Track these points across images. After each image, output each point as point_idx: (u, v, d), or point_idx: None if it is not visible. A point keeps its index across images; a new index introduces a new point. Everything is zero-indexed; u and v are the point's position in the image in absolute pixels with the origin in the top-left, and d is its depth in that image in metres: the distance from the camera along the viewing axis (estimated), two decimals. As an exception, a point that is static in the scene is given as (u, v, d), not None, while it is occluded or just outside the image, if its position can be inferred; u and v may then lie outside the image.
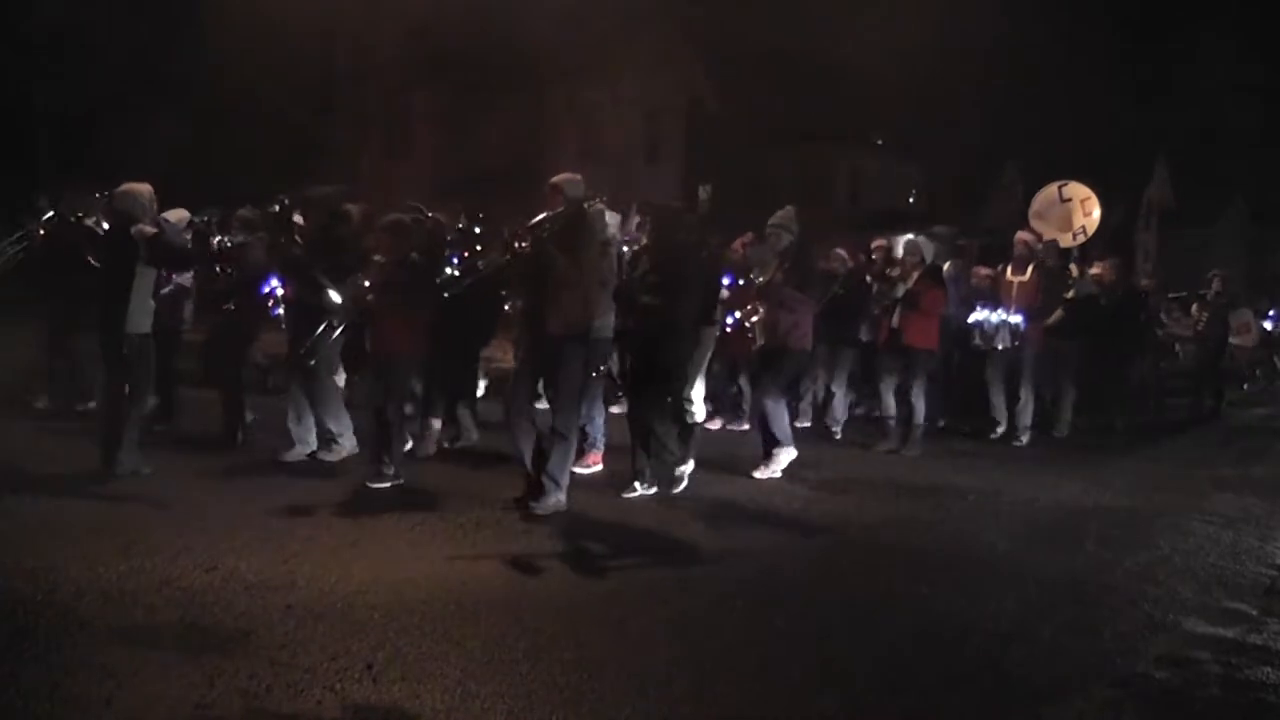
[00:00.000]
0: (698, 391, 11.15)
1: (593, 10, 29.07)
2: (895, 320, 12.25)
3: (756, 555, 8.18)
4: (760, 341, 10.91)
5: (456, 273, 10.47)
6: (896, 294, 12.20)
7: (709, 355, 11.38)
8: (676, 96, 39.72)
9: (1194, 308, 17.83)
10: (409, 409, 10.61)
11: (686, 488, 9.88)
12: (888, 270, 12.70)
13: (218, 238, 10.85)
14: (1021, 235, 14.00)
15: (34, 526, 7.84)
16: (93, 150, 27.51)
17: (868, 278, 13.04)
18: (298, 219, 10.54)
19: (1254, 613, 7.15)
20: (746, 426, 12.80)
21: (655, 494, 9.60)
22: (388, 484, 9.58)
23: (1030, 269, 13.53)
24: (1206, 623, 6.89)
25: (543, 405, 9.63)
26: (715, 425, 13.27)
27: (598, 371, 9.95)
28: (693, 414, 10.91)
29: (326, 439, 10.49)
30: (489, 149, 31.20)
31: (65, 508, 8.43)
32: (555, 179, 9.22)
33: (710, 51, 39.18)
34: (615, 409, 11.74)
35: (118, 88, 28.70)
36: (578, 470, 9.89)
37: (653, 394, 9.72)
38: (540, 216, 8.84)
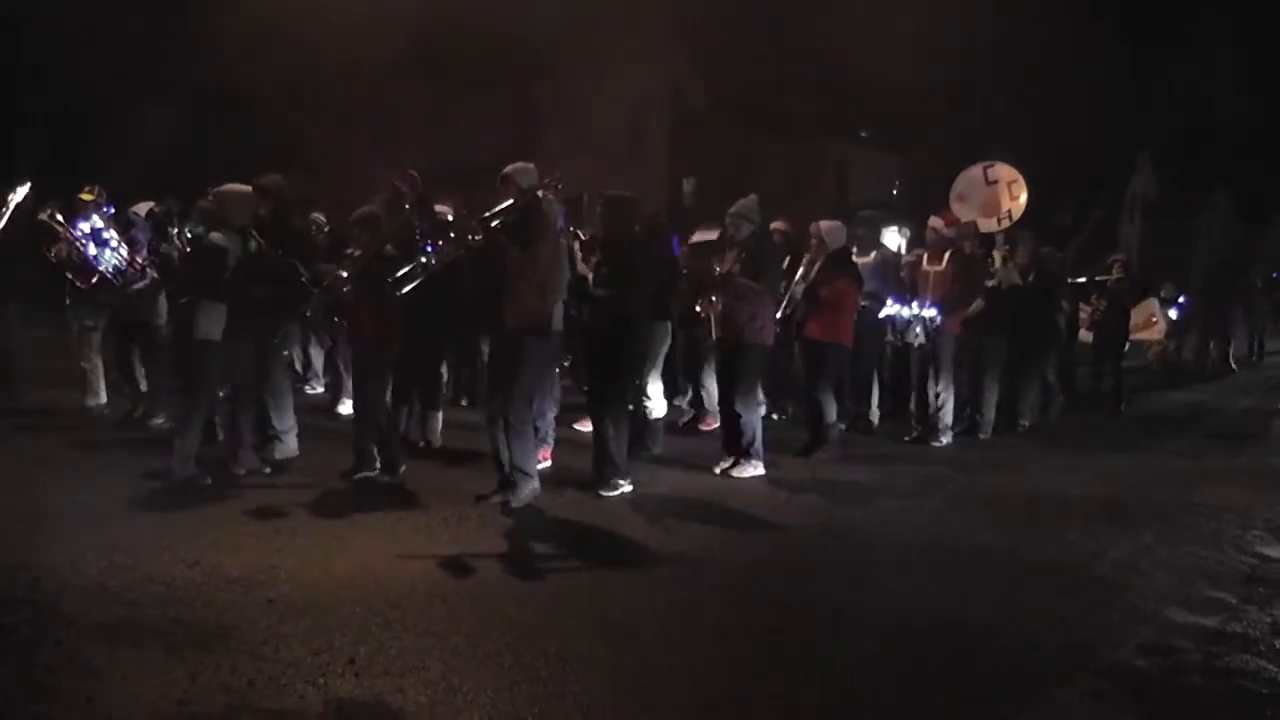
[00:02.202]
0: (655, 386, 11.07)
1: (577, 4, 29.06)
2: (799, 313, 11.57)
3: (737, 550, 8.20)
4: (717, 334, 10.60)
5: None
6: (795, 291, 11.47)
7: (665, 349, 11.27)
8: (661, 90, 39.77)
9: (1093, 296, 16.91)
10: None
11: (666, 483, 9.94)
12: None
13: (174, 229, 10.84)
14: (933, 221, 13.00)
15: (15, 524, 7.83)
16: (88, 147, 27.50)
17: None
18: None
19: (1234, 601, 7.17)
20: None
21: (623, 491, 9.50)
22: (387, 477, 9.61)
23: (946, 257, 12.60)
24: (1188, 611, 6.92)
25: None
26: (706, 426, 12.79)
27: (562, 366, 9.88)
28: (651, 409, 10.86)
29: (269, 436, 10.34)
30: (474, 143, 31.19)
31: (46, 505, 8.42)
32: (507, 169, 9.00)
33: (694, 44, 39.23)
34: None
35: (106, 85, 28.68)
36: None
37: (606, 391, 9.68)
38: (494, 209, 8.67)
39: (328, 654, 5.61)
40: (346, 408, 12.83)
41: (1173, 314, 22.18)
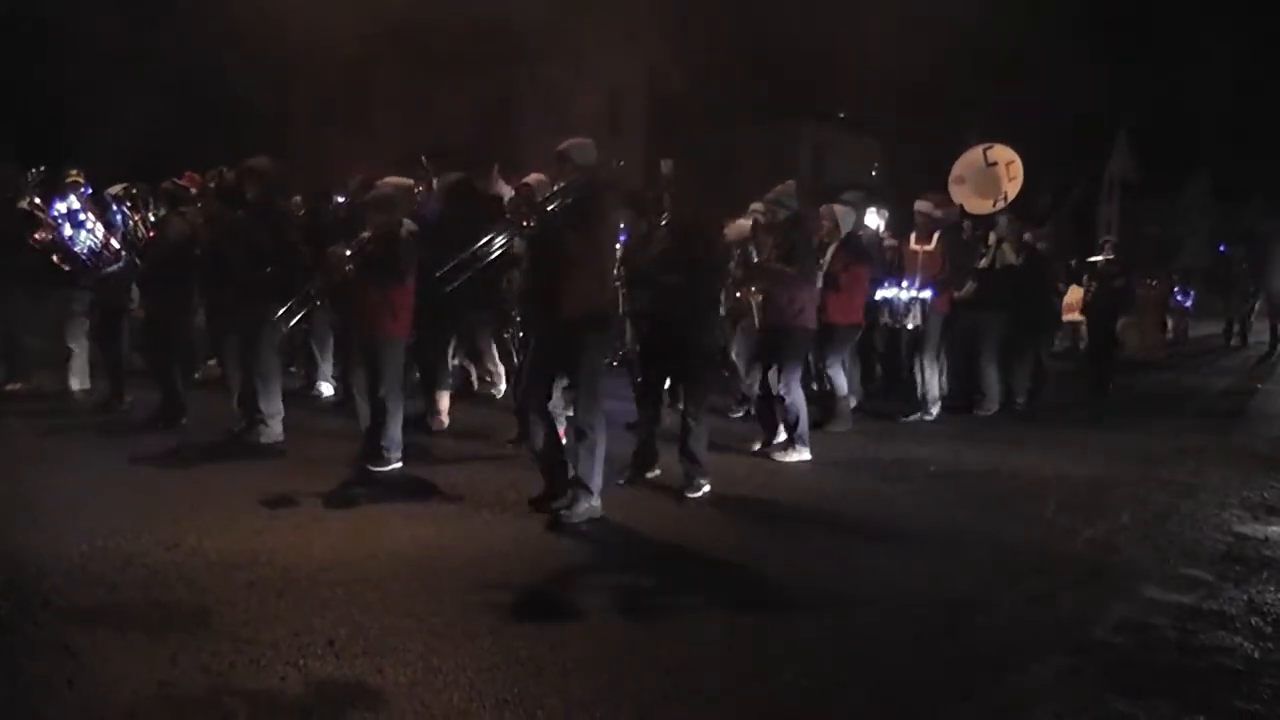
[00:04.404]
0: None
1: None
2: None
3: (718, 530, 8.24)
4: (759, 320, 10.73)
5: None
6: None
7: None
8: (639, 71, 39.69)
9: (1085, 278, 16.97)
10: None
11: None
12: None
13: (138, 214, 10.82)
14: (920, 205, 13.14)
15: (-6, 508, 7.82)
16: (59, 131, 27.36)
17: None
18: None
19: (1210, 579, 7.21)
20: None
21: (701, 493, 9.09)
22: (390, 467, 9.50)
23: (935, 238, 12.88)
24: (1164, 589, 6.95)
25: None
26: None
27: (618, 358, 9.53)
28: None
29: (256, 420, 10.36)
30: (451, 124, 31.12)
31: (27, 488, 8.41)
32: (563, 145, 8.22)
33: (673, 26, 39.15)
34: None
35: (87, 70, 28.53)
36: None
37: (688, 386, 9.26)
38: (549, 190, 8.14)
39: (307, 635, 5.61)
40: (325, 390, 12.86)
41: None
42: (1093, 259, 16.94)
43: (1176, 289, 28.40)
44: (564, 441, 8.46)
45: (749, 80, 40.41)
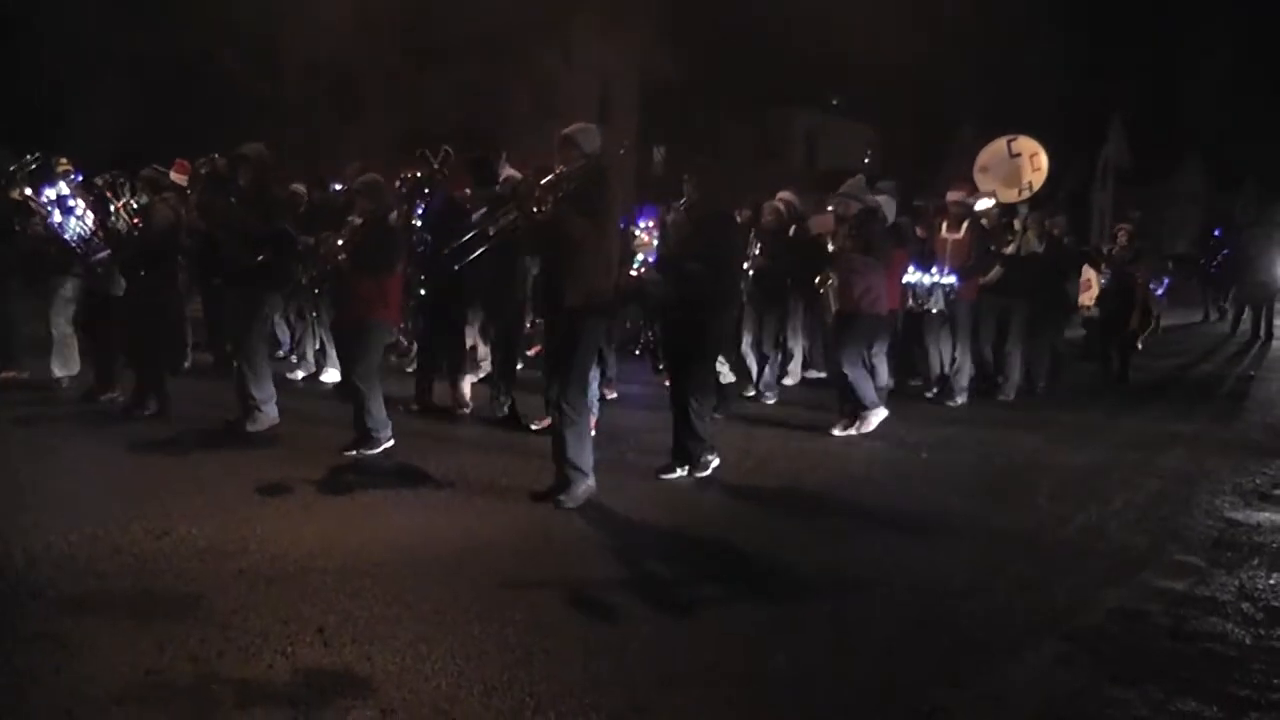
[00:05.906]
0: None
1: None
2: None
3: (711, 516, 8.22)
4: (835, 307, 10.95)
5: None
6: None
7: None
8: (630, 58, 39.64)
9: (1101, 265, 16.74)
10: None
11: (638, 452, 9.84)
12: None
13: (120, 201, 10.78)
14: (952, 195, 13.44)
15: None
16: (52, 119, 27.32)
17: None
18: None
19: (1203, 565, 7.21)
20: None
21: (687, 476, 9.14)
22: (382, 447, 9.52)
23: (964, 226, 13.12)
24: (1157, 576, 6.95)
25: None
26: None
27: (644, 345, 9.57)
28: (722, 374, 10.83)
29: (249, 407, 10.31)
30: (442, 111, 31.08)
31: (14, 477, 8.38)
32: (567, 130, 8.12)
33: (663, 13, 39.13)
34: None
35: (75, 59, 28.50)
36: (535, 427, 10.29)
37: (695, 368, 9.17)
38: (554, 174, 7.95)
39: (296, 623, 5.60)
40: (332, 375, 12.83)
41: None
42: (1108, 246, 17.06)
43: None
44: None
45: (741, 67, 40.29)
